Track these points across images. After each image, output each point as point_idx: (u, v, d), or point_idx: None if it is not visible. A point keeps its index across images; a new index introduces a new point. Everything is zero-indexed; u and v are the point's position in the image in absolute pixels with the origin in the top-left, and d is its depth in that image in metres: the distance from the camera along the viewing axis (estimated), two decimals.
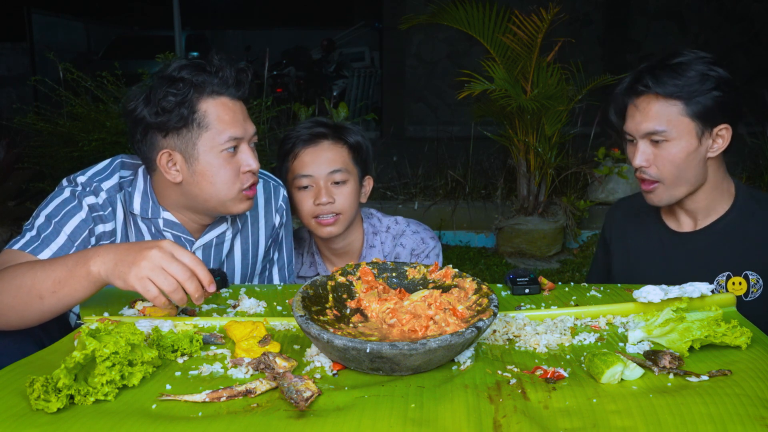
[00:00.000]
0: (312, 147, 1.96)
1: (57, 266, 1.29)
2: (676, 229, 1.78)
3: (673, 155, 1.62)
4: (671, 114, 1.61)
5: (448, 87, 8.73)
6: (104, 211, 1.58)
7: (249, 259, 1.82)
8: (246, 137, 1.60)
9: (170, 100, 1.52)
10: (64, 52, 10.10)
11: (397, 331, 1.19)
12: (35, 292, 1.29)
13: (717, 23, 8.84)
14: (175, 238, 1.67)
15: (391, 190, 5.49)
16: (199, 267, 1.25)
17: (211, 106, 1.55)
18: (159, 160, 1.57)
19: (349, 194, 1.95)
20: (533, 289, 1.51)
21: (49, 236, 1.52)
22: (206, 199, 1.60)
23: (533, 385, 1.06)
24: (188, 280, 1.22)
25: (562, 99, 4.39)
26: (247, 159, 1.59)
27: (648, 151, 1.65)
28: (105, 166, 1.64)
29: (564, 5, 4.50)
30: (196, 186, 1.58)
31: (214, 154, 1.56)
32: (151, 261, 1.21)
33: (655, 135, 1.62)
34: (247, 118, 1.62)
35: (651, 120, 1.62)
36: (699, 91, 1.59)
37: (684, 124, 1.61)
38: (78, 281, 1.26)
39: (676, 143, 1.62)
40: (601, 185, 5.12)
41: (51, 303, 1.29)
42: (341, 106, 4.82)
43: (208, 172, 1.56)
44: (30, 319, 1.32)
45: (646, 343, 1.23)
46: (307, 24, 15.83)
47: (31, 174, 4.56)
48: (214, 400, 1.03)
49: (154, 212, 1.64)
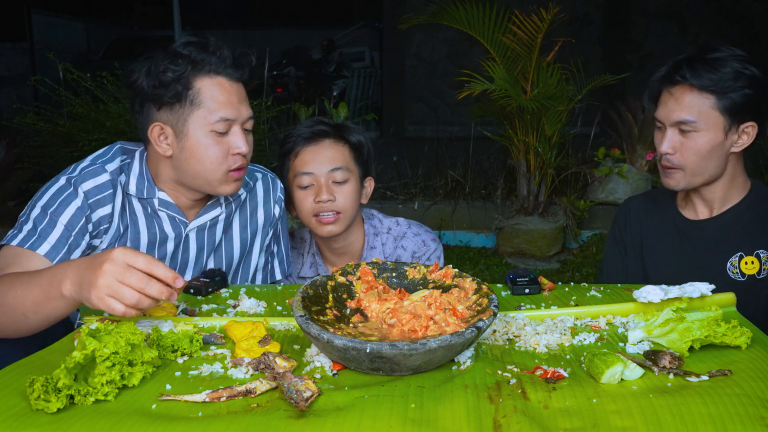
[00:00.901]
0: (313, 145, 1.96)
1: (33, 286, 1.27)
2: (692, 217, 1.84)
3: (699, 146, 1.68)
4: (703, 106, 1.66)
5: (448, 87, 8.73)
6: (103, 192, 1.58)
7: (246, 247, 1.84)
8: (239, 119, 1.60)
9: (168, 75, 1.54)
10: (64, 52, 10.09)
11: (397, 331, 1.19)
12: (19, 311, 1.29)
13: (717, 23, 8.84)
14: (170, 218, 1.68)
15: (391, 190, 5.48)
16: (156, 267, 1.19)
17: (206, 84, 1.56)
18: (151, 131, 1.59)
19: (350, 193, 1.95)
20: (533, 289, 1.51)
21: (46, 229, 1.52)
22: (194, 176, 1.61)
23: (533, 385, 1.06)
24: (148, 286, 1.17)
25: (562, 99, 4.39)
26: (237, 141, 1.60)
27: (675, 139, 1.70)
28: (105, 151, 1.66)
29: (564, 5, 4.50)
30: (184, 162, 1.59)
31: (204, 133, 1.57)
32: (106, 277, 1.16)
33: (684, 125, 1.68)
34: (243, 101, 1.62)
35: (683, 110, 1.68)
36: (732, 88, 1.64)
37: (714, 117, 1.66)
38: (55, 302, 1.25)
39: (703, 134, 1.67)
40: (601, 185, 5.12)
41: (36, 320, 1.29)
42: (341, 106, 4.81)
43: (196, 150, 1.57)
44: (23, 332, 1.33)
45: (646, 343, 1.23)
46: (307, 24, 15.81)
47: (31, 174, 4.56)
48: (214, 400, 1.03)
49: (150, 192, 1.65)
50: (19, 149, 4.61)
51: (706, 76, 1.65)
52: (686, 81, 1.67)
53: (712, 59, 1.66)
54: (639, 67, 8.51)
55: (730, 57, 1.66)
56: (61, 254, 1.51)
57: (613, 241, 2.01)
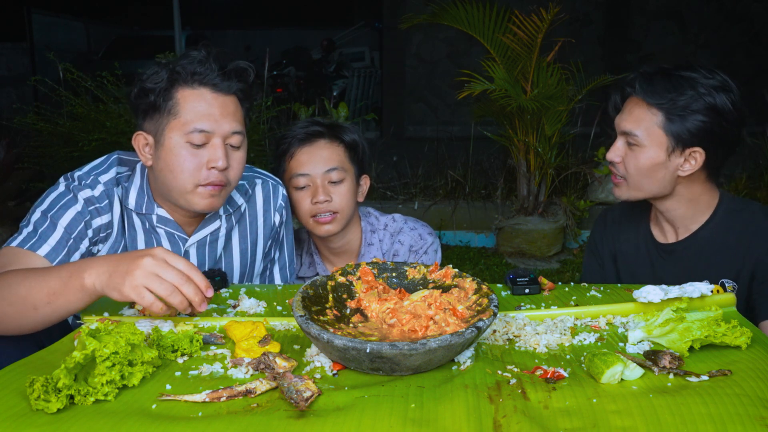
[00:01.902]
0: (308, 146, 1.96)
1: (51, 277, 1.28)
2: (661, 240, 1.82)
3: (639, 161, 1.66)
4: (649, 122, 1.64)
5: (448, 87, 8.73)
6: (101, 203, 1.59)
7: (248, 258, 1.82)
8: (219, 133, 1.55)
9: (147, 85, 1.54)
10: (64, 52, 10.08)
11: (397, 331, 1.19)
12: (29, 302, 1.28)
13: (717, 23, 8.84)
14: (169, 234, 1.67)
15: (391, 190, 5.48)
16: (194, 272, 1.23)
17: (186, 95, 1.55)
18: (135, 139, 1.59)
19: (346, 193, 1.96)
20: (533, 289, 1.51)
21: (46, 231, 1.52)
22: (170, 189, 1.59)
23: (533, 385, 1.06)
24: (185, 284, 1.21)
25: (562, 99, 4.39)
26: (215, 154, 1.55)
27: (621, 148, 1.70)
28: (102, 161, 1.66)
29: (564, 5, 4.50)
30: (160, 172, 1.58)
31: (180, 143, 1.54)
32: (145, 269, 1.19)
33: (629, 136, 1.67)
34: (228, 115, 1.57)
35: (630, 121, 1.67)
36: (684, 111, 1.60)
37: (657, 135, 1.64)
38: (72, 293, 1.25)
39: (645, 151, 1.65)
40: (601, 185, 5.11)
41: (45, 313, 1.28)
42: (341, 106, 4.82)
43: (170, 160, 1.55)
44: (26, 327, 1.32)
45: (646, 343, 1.23)
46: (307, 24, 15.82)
47: (31, 174, 4.56)
48: (214, 400, 1.03)
49: (149, 208, 1.65)
50: (19, 149, 4.61)
51: (661, 92, 1.61)
52: (638, 94, 1.65)
53: (677, 76, 1.62)
54: (639, 67, 8.50)
55: (699, 79, 1.60)
56: (61, 256, 1.52)
57: (590, 251, 2.01)
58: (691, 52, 8.80)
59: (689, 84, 1.60)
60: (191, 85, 1.55)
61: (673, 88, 1.61)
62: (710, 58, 8.65)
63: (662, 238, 1.81)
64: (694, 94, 1.59)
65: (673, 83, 1.61)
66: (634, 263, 1.85)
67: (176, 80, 1.54)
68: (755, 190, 4.57)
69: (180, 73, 1.54)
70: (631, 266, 1.86)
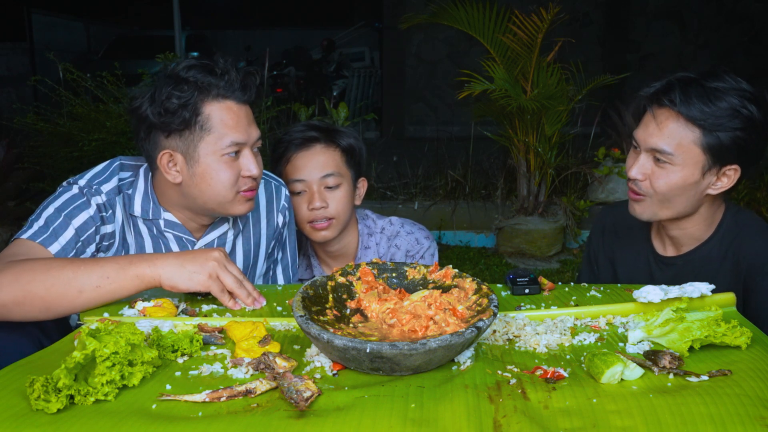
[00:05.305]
0: (304, 151, 1.95)
1: (106, 263, 1.38)
2: (661, 252, 1.75)
3: (671, 180, 1.54)
4: (685, 139, 1.50)
5: (448, 87, 8.73)
6: (107, 212, 1.59)
7: (251, 259, 1.82)
8: (249, 142, 1.59)
9: (173, 102, 1.51)
10: (64, 52, 10.10)
11: (397, 331, 1.19)
12: (76, 285, 1.34)
13: (717, 23, 8.84)
14: (177, 238, 1.67)
15: (391, 190, 5.48)
16: (245, 279, 1.42)
17: (215, 109, 1.54)
18: (160, 159, 1.56)
19: (342, 198, 1.95)
20: (533, 289, 1.51)
21: (58, 229, 1.52)
22: (205, 201, 1.59)
23: (533, 385, 1.06)
24: (245, 281, 1.41)
25: (562, 99, 4.39)
26: (248, 164, 1.59)
27: (647, 165, 1.57)
28: (103, 169, 1.63)
29: (564, 5, 4.50)
30: (195, 188, 1.57)
31: (215, 158, 1.55)
32: (214, 263, 1.38)
33: (660, 154, 1.53)
34: (251, 123, 1.61)
35: (662, 138, 1.52)
36: (723, 126, 1.47)
37: (694, 153, 1.51)
38: (128, 279, 1.36)
39: (678, 170, 1.53)
40: (601, 185, 5.12)
41: (90, 298, 1.35)
42: (341, 106, 4.81)
43: (207, 175, 1.56)
44: (53, 312, 1.36)
45: (646, 343, 1.23)
46: (307, 24, 15.83)
47: (31, 174, 4.55)
48: (214, 400, 1.03)
49: (155, 213, 1.64)
50: (19, 149, 4.61)
51: (698, 106, 1.47)
52: (674, 107, 1.49)
53: (711, 88, 1.48)
54: (639, 67, 8.51)
55: (732, 90, 1.48)
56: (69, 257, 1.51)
57: (586, 259, 1.96)
58: (691, 52, 8.80)
59: (725, 97, 1.48)
60: (217, 99, 1.55)
61: (710, 101, 1.47)
62: (710, 58, 8.65)
63: (662, 250, 1.75)
64: (732, 108, 1.47)
65: (709, 95, 1.48)
66: (632, 271, 1.81)
67: (203, 95, 1.54)
68: (755, 190, 4.57)
69: (206, 88, 1.53)
70: (630, 274, 1.81)
